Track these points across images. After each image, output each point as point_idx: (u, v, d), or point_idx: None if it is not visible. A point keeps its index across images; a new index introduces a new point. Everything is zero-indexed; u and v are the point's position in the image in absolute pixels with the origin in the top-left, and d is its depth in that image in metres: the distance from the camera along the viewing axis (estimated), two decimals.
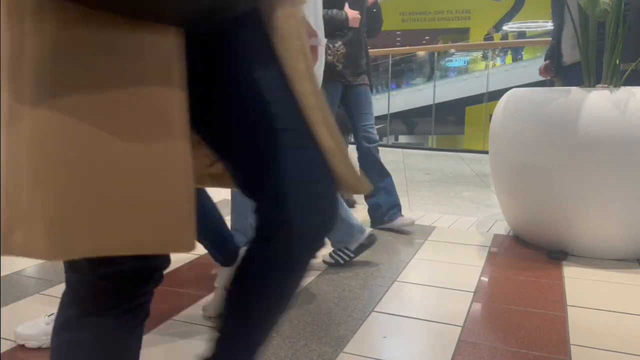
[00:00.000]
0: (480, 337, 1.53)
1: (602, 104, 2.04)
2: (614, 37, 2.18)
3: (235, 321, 0.83)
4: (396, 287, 1.88)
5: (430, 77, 11.23)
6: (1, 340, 1.48)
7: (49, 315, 1.52)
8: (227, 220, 2.71)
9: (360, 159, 2.71)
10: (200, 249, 2.28)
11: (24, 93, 0.61)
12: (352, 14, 2.50)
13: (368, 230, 2.11)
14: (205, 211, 1.74)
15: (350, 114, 2.68)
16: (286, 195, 0.73)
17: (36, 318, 1.51)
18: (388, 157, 4.86)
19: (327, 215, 0.78)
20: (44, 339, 1.45)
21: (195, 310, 1.70)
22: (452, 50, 12.98)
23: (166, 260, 0.76)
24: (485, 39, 12.67)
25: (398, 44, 16.59)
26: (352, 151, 3.00)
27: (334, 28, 2.50)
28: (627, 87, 2.11)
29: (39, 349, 1.46)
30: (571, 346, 1.46)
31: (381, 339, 1.52)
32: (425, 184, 3.76)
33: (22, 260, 2.19)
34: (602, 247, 2.14)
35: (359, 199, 3.03)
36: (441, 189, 3.67)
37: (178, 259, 2.17)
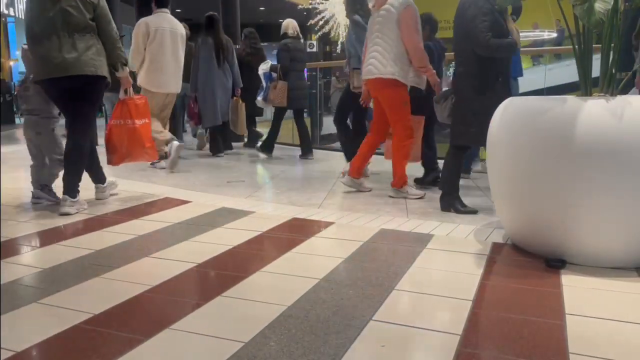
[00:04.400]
0: (478, 345, 1.53)
1: (598, 112, 2.05)
2: (609, 46, 2.20)
3: None
4: (394, 296, 1.88)
5: None
6: (1, 349, 1.48)
7: None
8: None
9: None
10: (197, 258, 2.28)
11: None
12: None
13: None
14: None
15: None
16: None
17: (33, 326, 1.50)
18: (386, 165, 4.86)
19: None
20: None
21: (193, 320, 1.70)
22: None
23: None
24: None
25: None
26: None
27: None
28: (623, 96, 2.12)
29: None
30: (570, 355, 1.45)
31: (380, 348, 1.51)
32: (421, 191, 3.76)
33: (19, 269, 2.19)
34: (600, 255, 2.14)
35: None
36: (439, 197, 3.67)
37: (175, 268, 2.17)
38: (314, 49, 18.19)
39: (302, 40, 6.28)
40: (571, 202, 2.09)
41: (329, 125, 7.82)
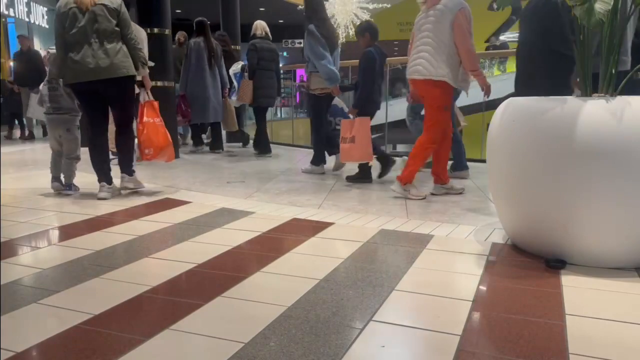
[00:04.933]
0: (479, 346, 1.53)
1: (598, 113, 2.05)
2: (610, 47, 2.20)
3: None
4: (394, 296, 1.88)
5: None
6: (1, 350, 1.48)
7: None
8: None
9: None
10: (197, 259, 2.28)
11: None
12: None
13: None
14: None
15: None
16: None
17: (33, 326, 1.50)
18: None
19: None
20: None
21: (193, 320, 1.70)
22: None
23: None
24: (487, 48, 12.66)
25: (396, 53, 16.67)
26: None
27: None
28: (623, 96, 2.12)
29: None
30: (570, 355, 1.45)
31: (380, 348, 1.51)
32: (423, 192, 3.76)
33: (19, 269, 2.19)
34: (601, 255, 2.14)
35: None
36: (439, 198, 3.68)
37: (175, 268, 2.17)
38: None
39: (276, 42, 6.72)
40: (571, 202, 2.09)
41: None
